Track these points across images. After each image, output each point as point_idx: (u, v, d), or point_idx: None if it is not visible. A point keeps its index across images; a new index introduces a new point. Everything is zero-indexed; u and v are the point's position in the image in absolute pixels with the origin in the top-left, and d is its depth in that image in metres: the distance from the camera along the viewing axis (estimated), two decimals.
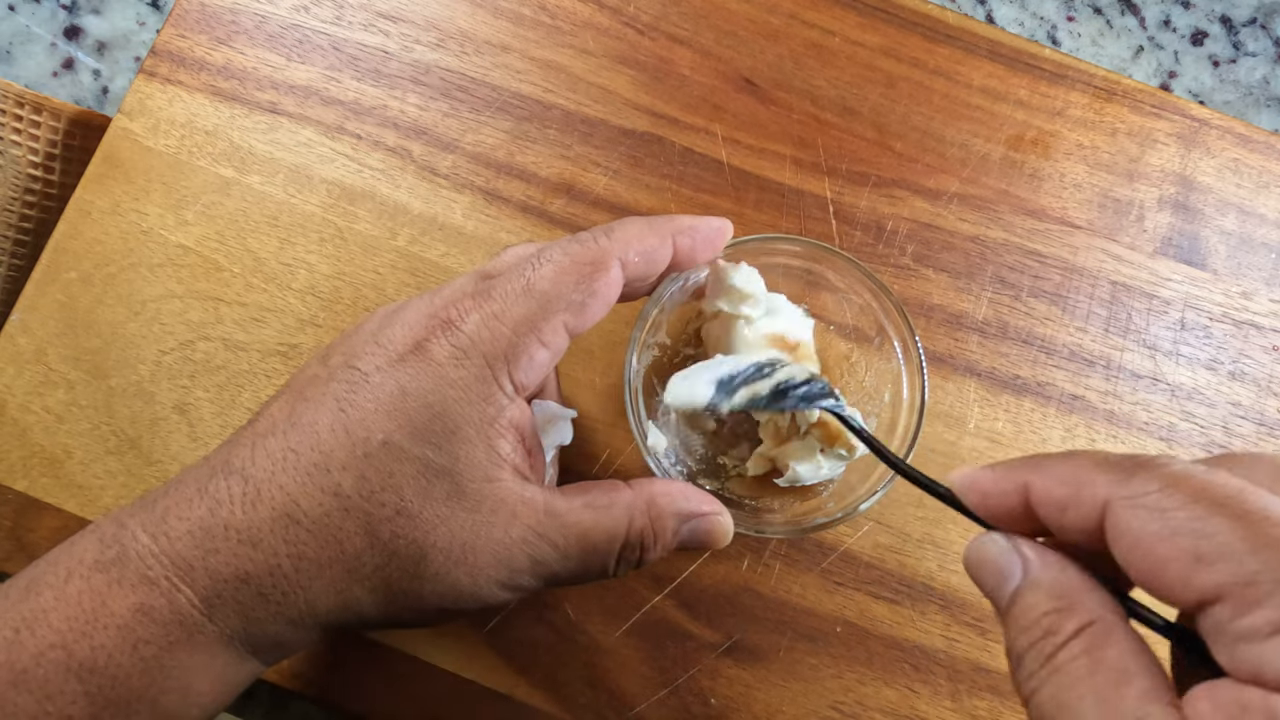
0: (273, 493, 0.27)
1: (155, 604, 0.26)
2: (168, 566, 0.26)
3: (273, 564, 0.26)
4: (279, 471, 0.27)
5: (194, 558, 0.26)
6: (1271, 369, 0.43)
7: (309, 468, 0.27)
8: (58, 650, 0.25)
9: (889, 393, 0.38)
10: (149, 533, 0.27)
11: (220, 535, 0.26)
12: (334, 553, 0.27)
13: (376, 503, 0.27)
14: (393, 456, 0.27)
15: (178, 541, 0.26)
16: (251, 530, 0.26)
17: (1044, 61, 0.46)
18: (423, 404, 0.27)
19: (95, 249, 0.43)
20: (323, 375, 0.29)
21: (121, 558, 0.26)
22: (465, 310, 0.28)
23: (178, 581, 0.26)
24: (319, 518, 0.27)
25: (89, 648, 0.25)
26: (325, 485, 0.27)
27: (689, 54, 0.45)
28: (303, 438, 0.27)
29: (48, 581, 0.26)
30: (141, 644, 0.26)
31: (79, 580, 0.26)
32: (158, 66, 0.45)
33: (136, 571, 0.26)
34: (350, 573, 0.27)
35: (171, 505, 0.27)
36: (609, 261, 0.30)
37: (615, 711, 0.39)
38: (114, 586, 0.26)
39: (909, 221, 0.44)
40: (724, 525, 0.31)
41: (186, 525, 0.27)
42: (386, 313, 0.30)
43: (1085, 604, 0.21)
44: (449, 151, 0.44)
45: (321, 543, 0.27)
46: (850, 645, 0.40)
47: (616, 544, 0.29)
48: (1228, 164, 0.45)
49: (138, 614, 0.26)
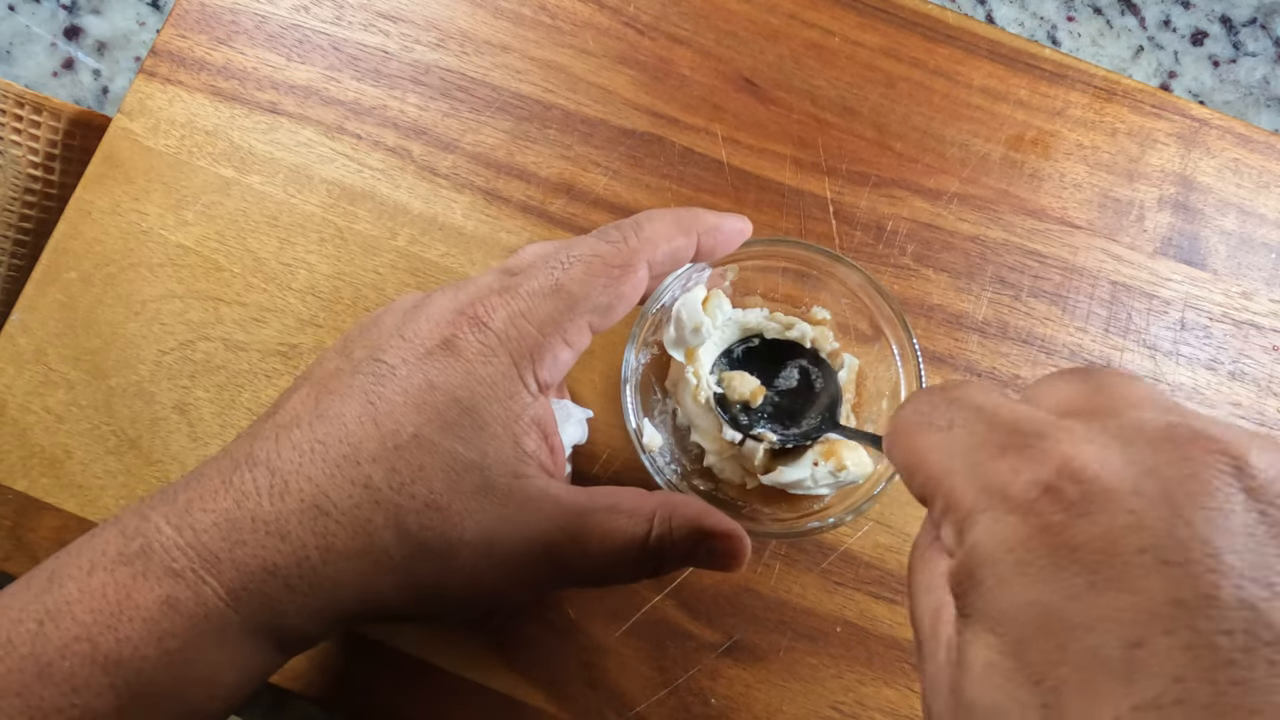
0: (300, 484, 0.27)
1: (181, 596, 0.26)
2: (193, 559, 0.26)
3: (301, 556, 0.26)
4: (306, 463, 0.27)
5: (220, 550, 0.26)
6: (1271, 369, 0.43)
7: (338, 459, 0.27)
8: (83, 643, 0.25)
9: (886, 399, 0.38)
10: (173, 525, 0.27)
11: (247, 527, 0.26)
12: (363, 544, 0.27)
13: (407, 495, 0.27)
14: (423, 450, 0.27)
15: (204, 534, 0.26)
16: (279, 522, 0.26)
17: (1044, 61, 0.46)
18: (451, 399, 0.27)
19: (95, 249, 0.43)
20: (346, 368, 0.29)
21: (145, 550, 0.26)
22: (493, 307, 0.29)
23: (204, 574, 0.26)
24: (349, 509, 0.26)
25: (114, 640, 0.25)
26: (355, 477, 0.27)
27: (689, 54, 0.45)
28: (330, 429, 0.27)
29: (70, 574, 0.26)
30: (167, 637, 0.25)
31: (103, 573, 0.26)
32: (158, 66, 0.45)
33: (161, 564, 0.26)
34: (378, 565, 0.27)
35: (195, 498, 0.27)
36: (637, 264, 0.30)
37: (615, 711, 0.39)
38: (139, 579, 0.26)
39: (909, 221, 0.44)
40: (743, 549, 0.31)
41: (212, 517, 0.26)
42: (408, 307, 0.30)
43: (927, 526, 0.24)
44: (449, 151, 0.44)
45: (351, 534, 0.27)
46: (850, 645, 0.40)
47: (635, 549, 0.29)
48: (1228, 164, 0.45)
49: (163, 606, 0.26)
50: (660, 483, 0.35)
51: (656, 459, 0.36)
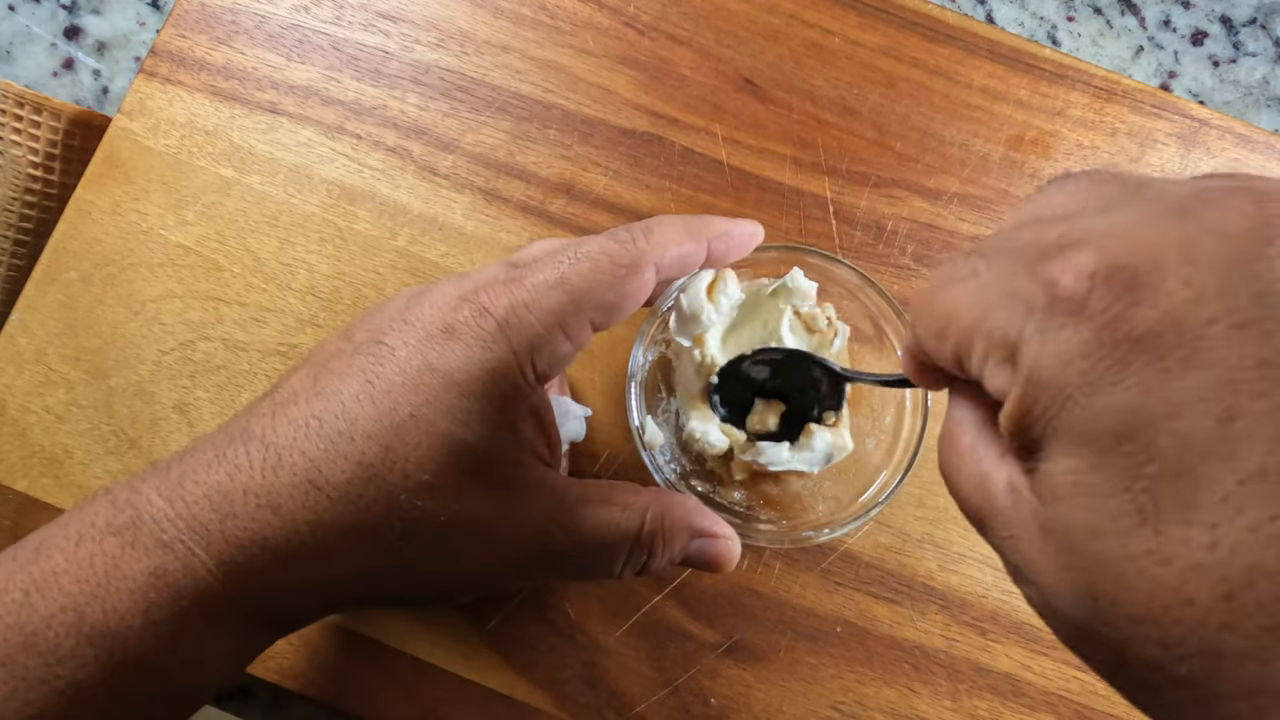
0: (294, 459, 0.26)
1: (170, 568, 0.26)
2: (183, 530, 0.26)
3: (291, 530, 0.26)
4: (301, 438, 0.27)
5: (211, 521, 0.26)
6: None
7: (333, 435, 0.27)
8: (69, 613, 0.25)
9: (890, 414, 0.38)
10: (164, 497, 0.26)
11: (239, 500, 0.26)
12: (354, 521, 0.27)
13: (401, 474, 0.27)
14: (420, 430, 0.27)
15: (194, 505, 0.26)
16: (271, 495, 0.26)
17: (1044, 61, 0.46)
18: (449, 382, 0.27)
19: (95, 249, 0.43)
20: (347, 349, 0.29)
21: (135, 521, 0.26)
22: (496, 296, 0.29)
23: (193, 545, 0.26)
24: (341, 485, 0.26)
25: (100, 611, 0.25)
26: (349, 453, 0.27)
27: (689, 54, 0.45)
28: (327, 405, 0.27)
29: (58, 544, 0.26)
30: (154, 608, 0.25)
31: (91, 543, 0.26)
32: (158, 66, 0.45)
33: (151, 535, 0.26)
34: (368, 542, 0.27)
35: (188, 470, 0.27)
36: (644, 265, 0.30)
37: (615, 711, 0.39)
38: (127, 550, 0.26)
39: (909, 221, 0.44)
40: (732, 551, 0.31)
41: (204, 489, 0.26)
42: (412, 293, 0.30)
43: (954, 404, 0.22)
44: (449, 151, 0.44)
45: (342, 510, 0.26)
46: (850, 645, 0.40)
47: (627, 543, 0.29)
48: (1228, 164, 0.45)
49: (151, 578, 0.25)
50: (659, 481, 0.35)
51: (656, 457, 0.36)
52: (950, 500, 0.43)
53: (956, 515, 0.42)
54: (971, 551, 0.41)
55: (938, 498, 0.41)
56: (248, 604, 0.27)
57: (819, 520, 0.37)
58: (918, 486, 0.41)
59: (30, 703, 0.24)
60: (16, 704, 0.24)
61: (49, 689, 0.24)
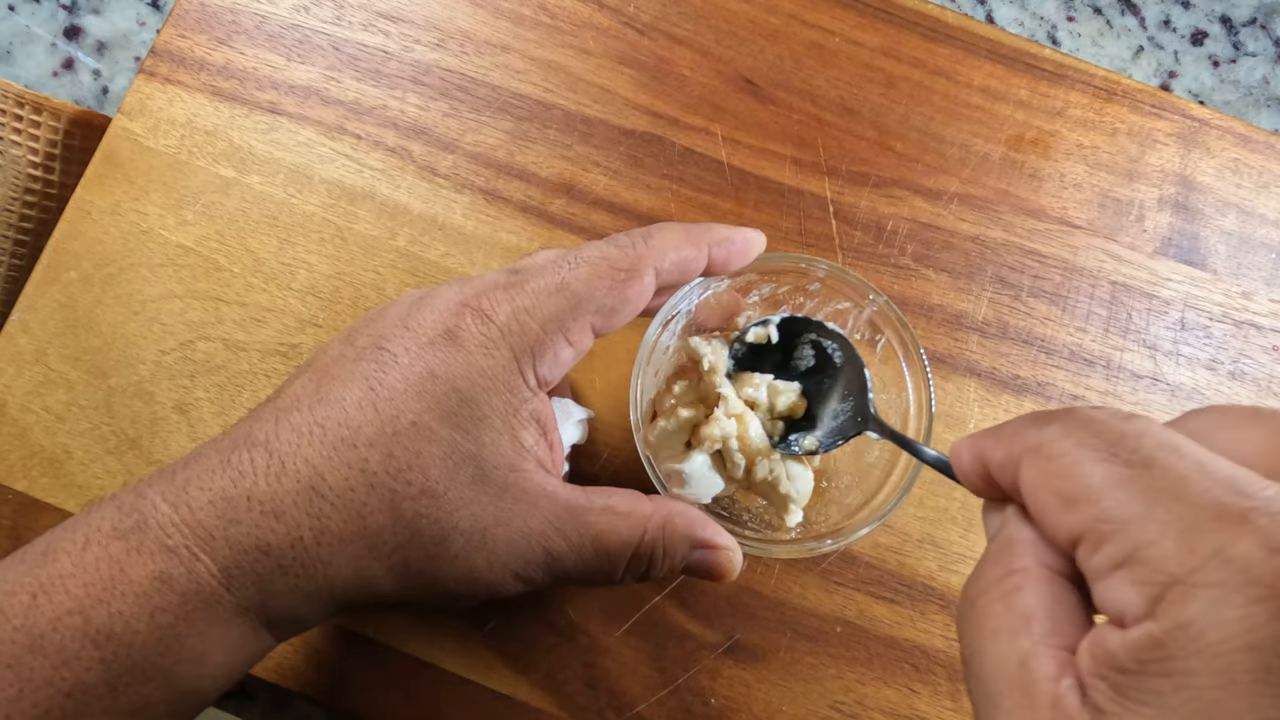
0: (297, 465, 0.27)
1: (174, 572, 0.26)
2: (188, 535, 0.26)
3: (294, 536, 0.26)
4: (304, 445, 0.27)
5: (215, 527, 0.26)
6: (1271, 369, 0.43)
7: (335, 442, 0.27)
8: (75, 616, 0.25)
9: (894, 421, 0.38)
10: (169, 502, 0.27)
11: (243, 506, 0.26)
12: (356, 527, 0.27)
13: (403, 480, 0.27)
14: (421, 437, 0.27)
15: (199, 511, 0.26)
16: (275, 501, 0.26)
17: (1044, 61, 0.46)
18: (451, 388, 0.28)
19: (95, 249, 0.43)
20: (350, 355, 0.29)
21: (141, 526, 0.26)
22: (497, 302, 0.29)
23: (198, 551, 0.26)
24: (343, 491, 0.27)
25: (106, 614, 0.25)
26: (351, 460, 0.27)
27: (689, 54, 0.45)
28: (330, 412, 0.27)
29: (64, 548, 0.26)
30: (159, 612, 0.26)
31: (97, 547, 0.26)
32: (158, 66, 0.45)
33: (156, 540, 0.26)
34: (371, 549, 0.27)
35: (193, 476, 0.27)
36: (644, 269, 0.30)
37: (615, 711, 0.39)
38: (133, 554, 0.26)
39: (909, 221, 0.44)
40: (733, 562, 0.32)
41: (208, 495, 0.27)
42: (414, 299, 0.31)
43: (1017, 555, 0.20)
44: (449, 151, 0.44)
45: (345, 516, 0.27)
46: (850, 645, 0.40)
47: (628, 552, 0.29)
48: (1228, 164, 0.45)
49: (156, 582, 0.26)
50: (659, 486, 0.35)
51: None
52: (950, 500, 0.43)
53: (956, 515, 0.42)
54: (971, 551, 0.41)
55: (938, 498, 0.41)
56: (251, 608, 0.27)
57: (823, 530, 0.37)
58: (918, 487, 0.41)
59: (37, 704, 0.25)
60: (24, 705, 0.24)
61: (55, 690, 0.25)
